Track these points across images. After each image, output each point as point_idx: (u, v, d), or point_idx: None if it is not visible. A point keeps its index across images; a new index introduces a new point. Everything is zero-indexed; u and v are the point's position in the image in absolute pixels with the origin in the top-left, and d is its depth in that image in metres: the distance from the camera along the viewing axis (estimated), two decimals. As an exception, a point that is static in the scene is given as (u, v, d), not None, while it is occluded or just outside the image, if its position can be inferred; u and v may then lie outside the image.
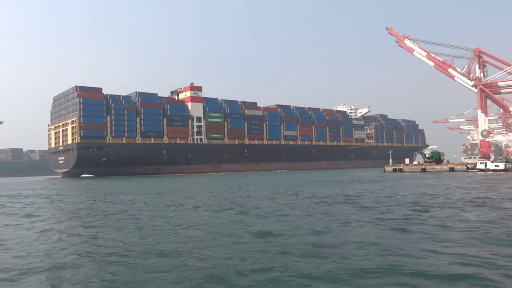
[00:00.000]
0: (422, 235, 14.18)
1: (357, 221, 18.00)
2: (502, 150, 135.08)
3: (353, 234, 14.73)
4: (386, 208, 23.00)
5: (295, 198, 30.57)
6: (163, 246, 13.48)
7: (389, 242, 13.15)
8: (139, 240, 14.77)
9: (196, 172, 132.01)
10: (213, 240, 14.23)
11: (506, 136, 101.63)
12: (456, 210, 21.44)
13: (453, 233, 14.67)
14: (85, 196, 39.73)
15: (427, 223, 16.99)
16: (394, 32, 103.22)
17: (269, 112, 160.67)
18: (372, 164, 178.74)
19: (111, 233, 16.61)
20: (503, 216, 18.83)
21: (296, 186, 46.52)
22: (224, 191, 40.51)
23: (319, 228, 16.11)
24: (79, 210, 26.19)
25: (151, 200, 31.84)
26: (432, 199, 27.37)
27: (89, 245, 14.15)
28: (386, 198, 28.98)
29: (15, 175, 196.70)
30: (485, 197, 28.22)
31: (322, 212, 21.40)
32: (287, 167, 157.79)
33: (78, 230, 17.97)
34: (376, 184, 48.28)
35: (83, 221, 20.63)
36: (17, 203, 33.11)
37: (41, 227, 18.87)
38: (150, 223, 19.22)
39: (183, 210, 24.40)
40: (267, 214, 21.47)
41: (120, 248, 13.43)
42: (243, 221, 18.74)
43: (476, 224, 16.54)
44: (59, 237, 15.84)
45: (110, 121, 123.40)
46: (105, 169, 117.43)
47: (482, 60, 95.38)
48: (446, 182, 49.63)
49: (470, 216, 19.12)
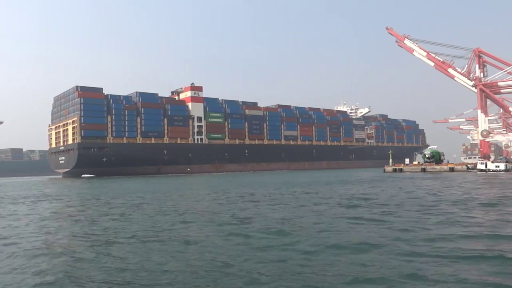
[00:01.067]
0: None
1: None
2: (502, 150, 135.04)
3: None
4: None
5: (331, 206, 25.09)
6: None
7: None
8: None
9: (197, 172, 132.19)
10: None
11: (506, 136, 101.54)
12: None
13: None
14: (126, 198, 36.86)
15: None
16: (394, 32, 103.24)
17: (270, 112, 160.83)
18: (372, 164, 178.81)
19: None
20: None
21: (307, 187, 45.51)
22: (264, 191, 40.36)
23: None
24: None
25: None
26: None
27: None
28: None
29: (15, 175, 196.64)
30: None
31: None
32: (288, 167, 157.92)
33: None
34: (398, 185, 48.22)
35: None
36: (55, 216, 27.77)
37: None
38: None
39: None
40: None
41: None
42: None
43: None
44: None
45: (110, 121, 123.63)
46: (106, 169, 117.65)
47: (482, 60, 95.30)
48: (459, 182, 48.86)
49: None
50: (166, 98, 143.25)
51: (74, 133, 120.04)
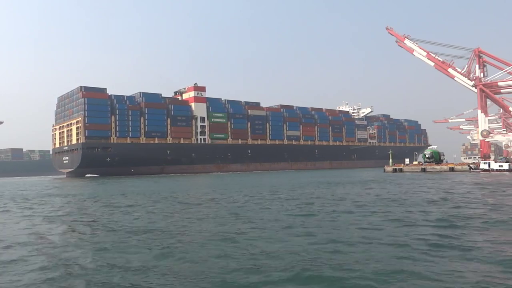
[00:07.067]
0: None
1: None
2: (502, 150, 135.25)
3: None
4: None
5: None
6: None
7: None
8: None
9: (200, 172, 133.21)
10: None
11: (506, 136, 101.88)
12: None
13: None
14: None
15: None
16: (394, 32, 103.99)
17: (272, 112, 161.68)
18: (374, 164, 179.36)
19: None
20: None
21: (317, 188, 44.41)
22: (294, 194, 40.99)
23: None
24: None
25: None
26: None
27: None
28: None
29: (15, 175, 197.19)
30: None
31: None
32: (290, 167, 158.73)
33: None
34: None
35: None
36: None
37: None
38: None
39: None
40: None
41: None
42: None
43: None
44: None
45: (114, 121, 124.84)
46: (110, 169, 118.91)
47: (482, 60, 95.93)
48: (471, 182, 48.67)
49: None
50: (169, 98, 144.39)
51: (78, 133, 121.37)
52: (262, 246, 13.65)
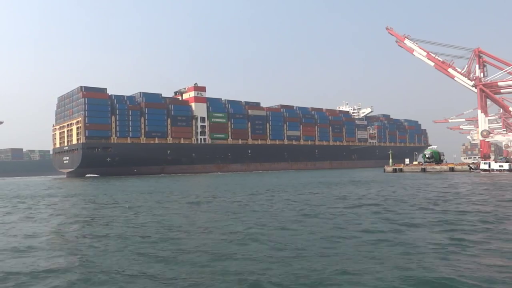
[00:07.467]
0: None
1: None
2: (502, 150, 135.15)
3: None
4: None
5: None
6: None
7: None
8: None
9: (200, 172, 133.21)
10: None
11: (506, 136, 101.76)
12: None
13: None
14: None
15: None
16: (394, 32, 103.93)
17: (272, 112, 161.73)
18: (374, 164, 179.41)
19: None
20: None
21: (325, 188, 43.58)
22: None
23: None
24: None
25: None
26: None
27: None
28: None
29: (15, 175, 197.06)
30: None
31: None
32: (290, 167, 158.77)
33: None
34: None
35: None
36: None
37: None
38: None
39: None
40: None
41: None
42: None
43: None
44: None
45: (114, 121, 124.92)
46: (110, 169, 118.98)
47: (482, 60, 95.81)
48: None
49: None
50: (169, 98, 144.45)
51: (79, 133, 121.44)
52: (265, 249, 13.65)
